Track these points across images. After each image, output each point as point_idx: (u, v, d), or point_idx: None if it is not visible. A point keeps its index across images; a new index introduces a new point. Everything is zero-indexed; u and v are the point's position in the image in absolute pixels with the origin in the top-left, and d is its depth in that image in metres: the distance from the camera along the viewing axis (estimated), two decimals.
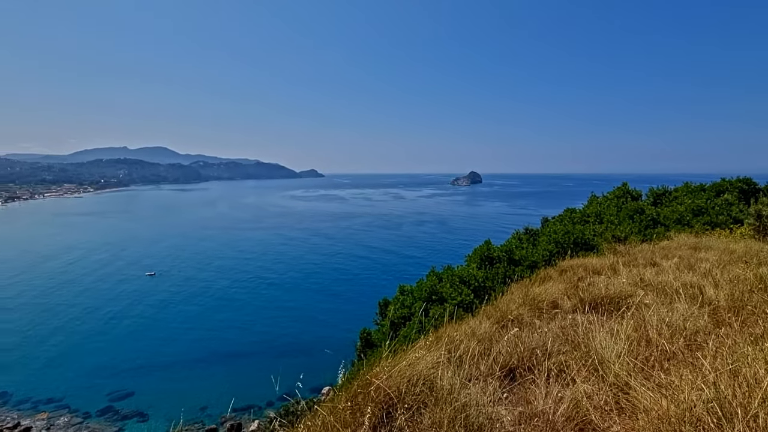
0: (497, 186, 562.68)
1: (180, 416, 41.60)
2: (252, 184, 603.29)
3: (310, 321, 65.53)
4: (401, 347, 5.54)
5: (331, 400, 5.30)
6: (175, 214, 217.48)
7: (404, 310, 14.83)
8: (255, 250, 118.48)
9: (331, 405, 3.25)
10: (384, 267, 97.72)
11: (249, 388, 46.54)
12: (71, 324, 63.43)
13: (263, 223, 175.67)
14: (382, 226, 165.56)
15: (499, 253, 15.15)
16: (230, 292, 79.57)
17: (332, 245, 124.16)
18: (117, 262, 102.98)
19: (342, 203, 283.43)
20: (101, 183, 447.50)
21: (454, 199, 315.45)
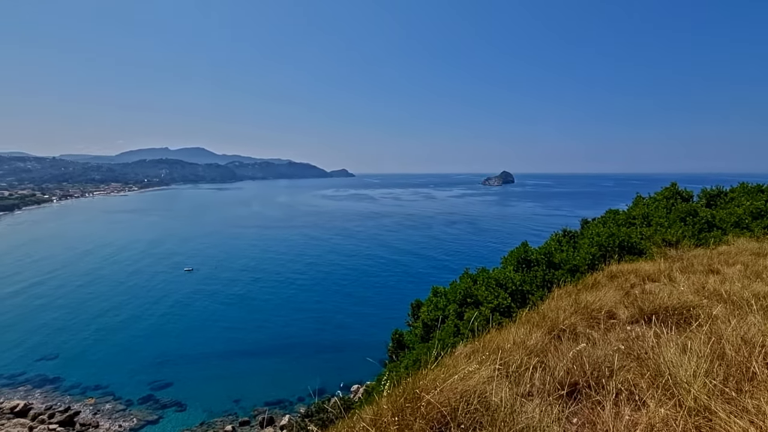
0: (530, 186, 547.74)
1: (215, 407, 43.10)
2: (284, 183, 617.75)
3: (339, 320, 66.11)
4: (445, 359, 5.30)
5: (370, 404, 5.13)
6: (212, 212, 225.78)
7: (437, 312, 14.52)
8: (286, 249, 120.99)
9: (372, 415, 3.08)
10: (412, 267, 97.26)
11: (280, 383, 47.50)
12: (116, 316, 67.02)
13: (294, 222, 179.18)
14: (412, 226, 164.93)
15: (538, 256, 14.56)
16: (262, 289, 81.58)
17: (360, 245, 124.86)
18: (158, 257, 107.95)
19: (372, 203, 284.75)
20: (145, 182, 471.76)
21: (485, 200, 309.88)
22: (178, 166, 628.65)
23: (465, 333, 11.78)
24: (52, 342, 56.79)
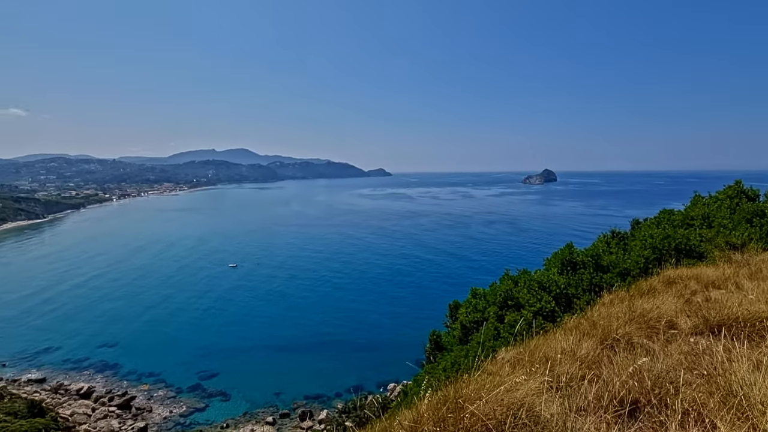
0: (573, 185, 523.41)
1: (257, 399, 44.73)
2: (323, 183, 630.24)
3: (374, 318, 66.49)
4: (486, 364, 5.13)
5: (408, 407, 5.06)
6: (254, 211, 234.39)
7: (476, 314, 14.19)
8: (323, 247, 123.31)
9: (411, 421, 3.00)
10: (448, 267, 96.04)
11: (318, 378, 48.50)
12: (166, 309, 71.14)
13: (332, 220, 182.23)
14: (449, 225, 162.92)
15: (584, 258, 13.85)
16: (300, 287, 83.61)
17: (396, 244, 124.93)
18: (204, 253, 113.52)
19: (409, 202, 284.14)
20: (194, 182, 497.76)
21: (525, 199, 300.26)
22: (223, 166, 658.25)
23: (506, 337, 11.42)
24: (111, 331, 61.23)
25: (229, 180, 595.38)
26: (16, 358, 52.53)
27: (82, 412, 40.06)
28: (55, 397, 43.33)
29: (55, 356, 53.15)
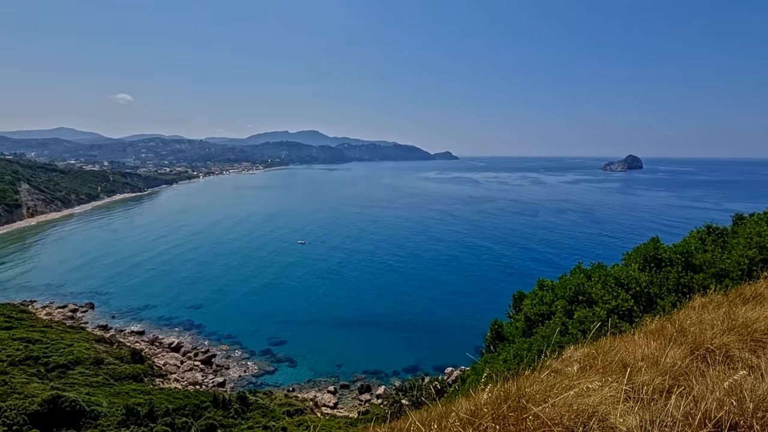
0: (662, 173, 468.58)
1: (320, 368, 47.45)
2: (389, 165, 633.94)
3: (434, 302, 66.46)
4: (551, 361, 4.87)
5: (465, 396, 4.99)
6: (323, 191, 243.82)
7: (543, 306, 13.51)
8: (387, 229, 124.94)
9: (469, 414, 2.93)
10: (512, 257, 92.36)
11: (377, 355, 50.04)
12: (242, 279, 77.39)
13: (396, 203, 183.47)
14: (516, 212, 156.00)
15: (672, 255, 12.45)
16: (364, 266, 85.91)
17: (459, 229, 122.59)
18: (276, 229, 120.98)
19: (474, 187, 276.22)
20: (268, 162, 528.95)
21: (603, 187, 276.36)
22: (295, 147, 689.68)
23: (574, 333, 10.76)
24: (196, 295, 68.23)
25: (300, 161, 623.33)
26: (122, 312, 60.89)
27: (173, 363, 45.54)
28: (151, 348, 49.71)
29: (151, 313, 60.70)
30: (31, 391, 26.08)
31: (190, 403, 30.32)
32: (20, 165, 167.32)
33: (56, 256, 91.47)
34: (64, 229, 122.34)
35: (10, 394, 25.40)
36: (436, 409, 4.51)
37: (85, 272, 78.85)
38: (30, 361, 34.04)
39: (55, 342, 39.37)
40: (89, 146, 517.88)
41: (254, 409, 31.83)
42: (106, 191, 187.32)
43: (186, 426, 26.98)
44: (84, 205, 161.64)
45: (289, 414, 32.57)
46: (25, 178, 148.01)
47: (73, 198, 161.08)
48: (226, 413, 30.02)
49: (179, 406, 29.54)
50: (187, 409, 29.38)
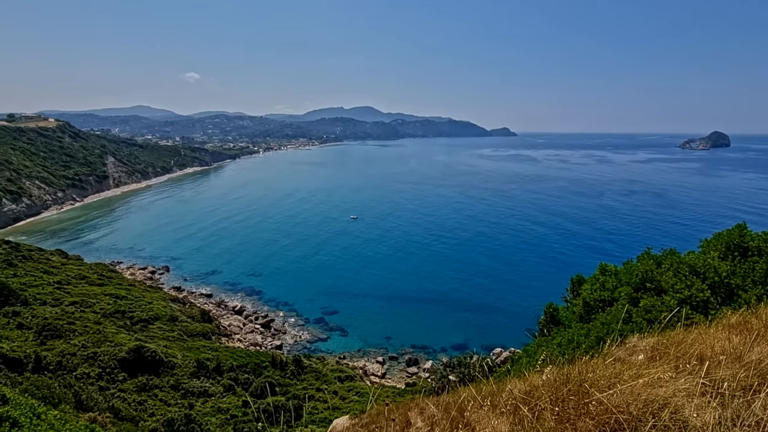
0: (753, 152, 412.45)
1: (370, 339, 49.16)
2: (443, 141, 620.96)
3: (484, 281, 65.47)
4: (612, 349, 4.64)
5: (518, 377, 4.93)
6: (375, 167, 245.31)
7: (604, 292, 12.79)
8: (439, 206, 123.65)
9: (524, 393, 2.90)
10: (571, 239, 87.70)
11: (426, 330, 50.74)
12: (297, 250, 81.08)
13: (449, 180, 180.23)
14: (578, 192, 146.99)
15: (761, 243, 11.12)
16: (415, 242, 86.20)
17: (515, 209, 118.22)
18: (329, 204, 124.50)
19: (533, 165, 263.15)
20: (324, 138, 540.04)
21: (681, 167, 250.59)
22: (350, 124, 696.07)
23: (639, 322, 10.12)
24: (257, 263, 72.78)
25: (354, 137, 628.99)
26: (192, 275, 66.72)
27: (236, 325, 49.50)
28: (218, 309, 54.25)
29: (218, 278, 65.91)
30: (120, 341, 29.74)
31: (251, 362, 32.94)
32: (107, 140, 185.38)
33: (137, 222, 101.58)
34: (143, 198, 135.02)
35: (104, 342, 29.16)
36: (486, 387, 4.51)
37: (161, 238, 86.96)
38: (118, 314, 38.67)
39: (138, 299, 44.26)
40: (163, 122, 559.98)
41: (308, 372, 33.90)
42: (178, 165, 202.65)
43: (248, 382, 29.45)
44: (160, 177, 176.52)
45: (340, 379, 34.33)
46: (111, 151, 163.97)
47: (150, 170, 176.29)
48: (282, 374, 32.28)
49: (242, 364, 32.22)
50: (248, 367, 31.98)
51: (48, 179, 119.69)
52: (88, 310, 37.41)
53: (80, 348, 27.47)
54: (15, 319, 30.90)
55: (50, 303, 37.22)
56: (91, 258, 67.26)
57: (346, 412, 19.82)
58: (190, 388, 26.70)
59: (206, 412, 23.73)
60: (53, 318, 31.59)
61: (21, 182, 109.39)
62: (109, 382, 24.98)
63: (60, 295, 40.56)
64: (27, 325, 30.06)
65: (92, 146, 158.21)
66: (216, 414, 23.64)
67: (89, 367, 25.59)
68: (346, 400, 28.34)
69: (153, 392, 25.32)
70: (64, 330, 30.04)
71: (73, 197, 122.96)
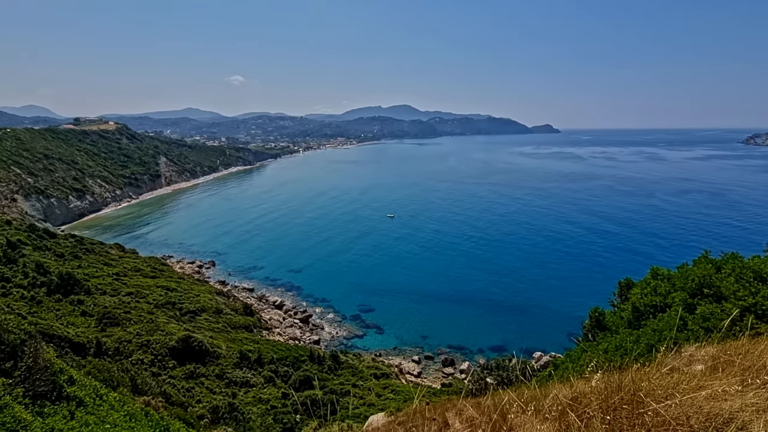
0: None
1: (406, 338, 49.19)
2: (481, 139, 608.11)
3: (524, 283, 63.60)
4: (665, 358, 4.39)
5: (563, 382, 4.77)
6: (412, 165, 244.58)
7: (656, 297, 12.03)
8: (476, 205, 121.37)
9: (570, 399, 2.80)
10: (616, 241, 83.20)
11: (463, 331, 50.05)
12: (335, 248, 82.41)
13: (488, 179, 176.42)
14: (625, 192, 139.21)
15: None
16: (451, 242, 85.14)
17: (556, 209, 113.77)
18: (366, 202, 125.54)
19: (577, 163, 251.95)
20: (361, 137, 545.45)
21: (744, 164, 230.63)
22: (387, 122, 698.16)
23: (695, 330, 9.46)
24: (297, 260, 74.76)
25: (391, 135, 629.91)
26: (236, 270, 69.61)
27: (276, 319, 51.14)
28: (259, 303, 56.29)
29: (259, 273, 68.37)
30: (170, 330, 31.60)
31: (291, 356, 33.94)
32: (159, 141, 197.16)
33: (186, 219, 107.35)
34: (191, 196, 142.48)
35: (156, 330, 31.10)
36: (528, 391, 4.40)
37: (208, 234, 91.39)
38: (169, 305, 41.08)
39: (186, 291, 46.79)
40: (210, 124, 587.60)
41: (345, 367, 34.44)
42: (224, 164, 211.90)
43: (287, 375, 30.37)
44: (206, 176, 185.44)
45: (376, 376, 34.61)
46: (163, 152, 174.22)
47: (198, 170, 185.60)
48: (320, 368, 33.02)
49: (282, 357, 33.28)
50: (288, 360, 32.97)
51: (108, 178, 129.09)
52: (143, 301, 40.03)
53: (135, 335, 29.46)
54: (79, 306, 33.64)
55: (109, 293, 40.16)
56: (145, 252, 71.81)
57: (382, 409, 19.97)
58: (234, 377, 27.90)
59: (248, 401, 24.72)
60: (112, 307, 34.10)
61: (85, 181, 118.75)
62: (160, 369, 26.62)
63: (118, 285, 43.67)
64: (89, 313, 32.63)
65: (146, 147, 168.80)
66: (257, 404, 24.58)
67: (143, 354, 27.38)
68: (381, 397, 28.54)
69: (199, 380, 26.71)
70: (122, 318, 32.33)
71: (130, 195, 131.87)
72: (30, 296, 33.12)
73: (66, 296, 34.94)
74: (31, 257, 43.64)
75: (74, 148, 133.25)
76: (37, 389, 6.36)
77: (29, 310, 29.65)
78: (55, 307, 32.55)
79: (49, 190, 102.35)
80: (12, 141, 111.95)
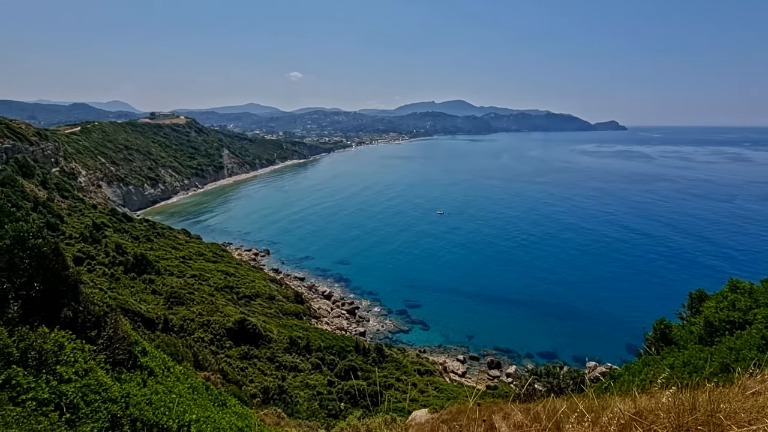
0: None
1: (451, 336, 48.66)
2: (538, 136, 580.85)
3: (580, 289, 60.33)
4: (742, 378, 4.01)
5: (622, 395, 4.49)
6: (464, 162, 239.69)
7: (734, 313, 10.87)
8: (532, 205, 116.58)
9: (634, 414, 2.63)
10: (688, 249, 76.03)
11: (511, 333, 48.56)
12: (385, 242, 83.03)
13: (544, 177, 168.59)
14: (700, 196, 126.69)
15: None
16: (504, 241, 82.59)
17: (621, 211, 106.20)
18: (415, 199, 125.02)
19: (646, 162, 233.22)
20: (414, 132, 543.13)
21: None
22: (440, 118, 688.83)
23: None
24: (347, 252, 76.43)
25: (444, 131, 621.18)
26: (289, 259, 72.59)
27: (324, 308, 52.74)
28: (309, 293, 58.34)
29: (310, 263, 70.76)
30: (228, 312, 33.73)
31: (337, 345, 34.90)
32: (223, 135, 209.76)
33: (245, 208, 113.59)
34: (250, 187, 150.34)
35: (215, 312, 33.34)
36: (583, 402, 4.18)
37: (264, 223, 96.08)
38: (227, 289, 43.82)
39: (243, 277, 49.64)
40: (269, 119, 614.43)
41: (389, 361, 34.80)
42: (280, 157, 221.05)
43: (333, 363, 31.28)
44: (264, 169, 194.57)
45: (420, 372, 34.61)
46: (227, 145, 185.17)
47: (257, 162, 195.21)
48: (365, 359, 33.63)
49: (328, 345, 34.32)
50: (334, 349, 33.95)
51: (177, 168, 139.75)
52: (204, 283, 43.06)
53: (197, 315, 31.80)
54: (150, 285, 36.91)
55: (176, 274, 43.63)
56: (207, 238, 77.01)
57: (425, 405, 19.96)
58: (283, 362, 29.24)
59: (296, 385, 25.81)
60: (178, 287, 37.02)
61: (158, 170, 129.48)
62: (218, 348, 28.54)
63: (184, 268, 47.30)
64: (159, 291, 35.69)
65: (212, 140, 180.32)
66: (304, 389, 25.59)
67: (204, 333, 29.50)
68: (424, 394, 28.52)
69: (252, 361, 28.29)
70: (186, 298, 35.01)
71: (196, 185, 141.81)
72: (110, 273, 36.84)
73: (139, 275, 38.43)
74: (112, 238, 48.44)
75: (149, 140, 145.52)
76: (116, 357, 7.09)
77: (109, 285, 33.00)
78: (130, 284, 35.96)
79: (128, 178, 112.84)
80: (99, 133, 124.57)
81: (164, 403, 6.52)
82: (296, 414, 19.28)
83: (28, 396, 4.64)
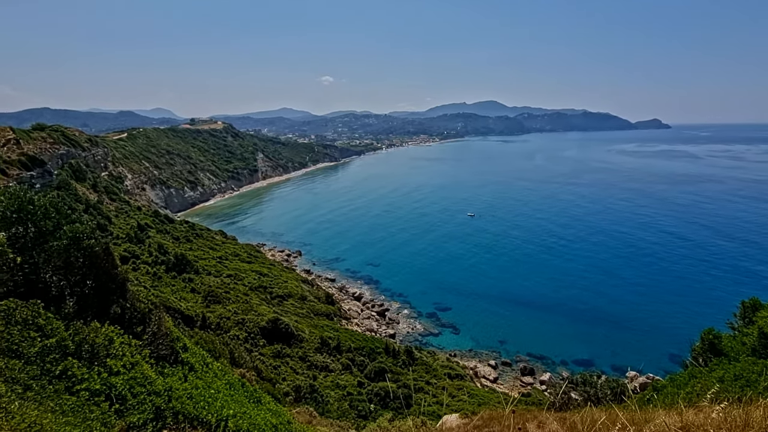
0: None
1: (482, 341, 47.79)
2: (575, 136, 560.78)
3: (620, 295, 57.76)
4: None
5: (668, 408, 4.28)
6: (495, 163, 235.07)
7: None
8: (567, 208, 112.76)
9: (679, 427, 2.51)
10: (737, 255, 71.17)
11: (545, 340, 47.12)
12: (414, 244, 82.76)
13: (580, 178, 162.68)
14: (752, 197, 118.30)
15: None
16: (537, 244, 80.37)
17: (664, 214, 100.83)
18: (445, 201, 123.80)
19: (692, 162, 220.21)
20: (444, 134, 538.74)
21: None
22: (472, 119, 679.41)
23: None
24: (377, 254, 76.76)
25: (476, 132, 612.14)
26: (320, 261, 73.77)
27: (355, 310, 53.18)
28: (340, 294, 59.03)
29: (341, 265, 71.58)
30: (262, 312, 34.67)
31: (367, 346, 35.08)
32: (258, 139, 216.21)
33: (278, 210, 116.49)
34: (283, 189, 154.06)
35: (250, 311, 34.36)
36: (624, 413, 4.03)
37: (295, 225, 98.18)
38: (261, 289, 45.07)
39: (276, 277, 50.89)
40: (302, 122, 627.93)
41: (419, 364, 34.62)
42: (312, 160, 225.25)
43: (363, 364, 31.47)
44: (297, 171, 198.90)
45: (450, 377, 34.21)
46: (261, 149, 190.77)
47: (290, 165, 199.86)
48: (395, 362, 33.62)
49: (359, 346, 34.56)
50: (364, 351, 34.14)
51: (215, 171, 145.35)
52: (239, 283, 44.49)
53: (233, 314, 32.90)
54: (189, 284, 38.54)
55: (213, 274, 45.35)
56: (242, 239, 79.53)
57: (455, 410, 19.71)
58: (315, 361, 29.72)
59: (327, 385, 26.16)
60: (215, 286, 38.45)
61: (197, 174, 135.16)
62: (252, 346, 29.38)
63: (220, 268, 49.09)
64: (197, 290, 37.20)
65: (247, 144, 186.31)
66: (334, 389, 25.89)
67: (239, 331, 30.47)
68: (455, 398, 28.16)
69: (285, 359, 28.94)
70: (222, 297, 36.31)
71: (232, 187, 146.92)
72: (153, 272, 38.76)
73: (180, 274, 40.22)
74: (155, 239, 50.98)
75: (189, 145, 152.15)
76: (160, 352, 7.47)
77: (152, 283, 34.73)
78: (171, 282, 37.70)
79: (169, 181, 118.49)
80: (143, 139, 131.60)
81: (204, 397, 6.81)
82: (327, 413, 19.55)
83: (82, 386, 4.98)
